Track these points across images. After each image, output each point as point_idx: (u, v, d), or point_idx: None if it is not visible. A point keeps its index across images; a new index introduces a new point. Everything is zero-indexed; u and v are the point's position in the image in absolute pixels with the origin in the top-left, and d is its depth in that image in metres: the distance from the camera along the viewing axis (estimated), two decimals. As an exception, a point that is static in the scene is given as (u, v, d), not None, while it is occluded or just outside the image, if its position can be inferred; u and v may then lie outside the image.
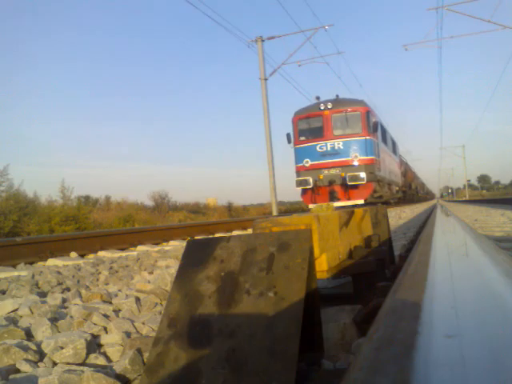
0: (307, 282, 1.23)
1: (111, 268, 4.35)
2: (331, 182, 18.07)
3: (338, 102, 19.05)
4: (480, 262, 1.36)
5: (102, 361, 1.59)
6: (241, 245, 1.35)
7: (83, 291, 2.90)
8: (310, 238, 1.32)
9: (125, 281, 3.35)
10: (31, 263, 5.66)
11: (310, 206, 18.09)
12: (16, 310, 2.40)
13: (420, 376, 0.53)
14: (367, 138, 18.53)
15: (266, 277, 1.25)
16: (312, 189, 18.47)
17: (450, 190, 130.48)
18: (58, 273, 4.18)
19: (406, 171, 40.35)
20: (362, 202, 17.66)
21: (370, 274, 2.04)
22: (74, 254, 6.25)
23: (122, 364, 1.46)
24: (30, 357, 1.57)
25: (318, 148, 18.66)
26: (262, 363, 1.09)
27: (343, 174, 17.82)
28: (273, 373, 1.07)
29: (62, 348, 1.63)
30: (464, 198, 77.06)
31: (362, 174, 17.33)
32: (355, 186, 17.82)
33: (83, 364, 1.56)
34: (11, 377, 1.42)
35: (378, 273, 2.14)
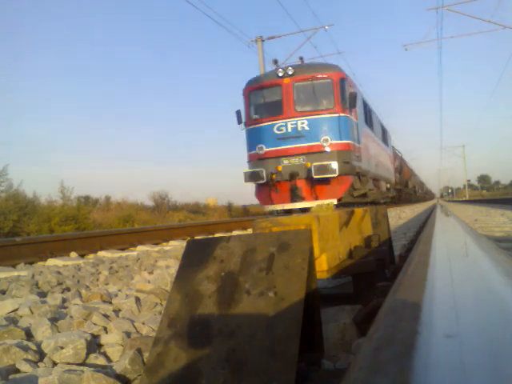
0: (307, 282, 1.23)
1: (111, 268, 4.35)
2: (293, 176, 13.45)
3: (302, 68, 14.28)
4: (480, 262, 1.36)
5: (102, 361, 1.59)
6: (241, 245, 1.35)
7: (83, 291, 2.90)
8: (309, 238, 1.32)
9: (125, 281, 3.35)
10: (31, 263, 5.66)
11: (267, 208, 14.00)
12: (16, 310, 2.40)
13: (420, 376, 0.53)
14: (341, 115, 13.80)
15: (265, 277, 1.25)
16: (268, 184, 13.80)
17: (449, 190, 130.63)
18: (58, 273, 4.18)
19: (402, 167, 35.46)
20: (334, 202, 13.34)
21: (370, 273, 2.04)
22: (74, 254, 6.25)
23: (122, 364, 1.46)
24: (30, 357, 1.57)
25: (275, 129, 13.86)
26: (262, 363, 1.09)
27: (309, 165, 13.16)
28: (273, 373, 1.07)
29: (61, 348, 1.63)
30: (464, 198, 77.10)
31: (334, 165, 12.75)
32: (325, 181, 13.28)
33: (83, 364, 1.56)
34: (11, 377, 1.41)
35: (378, 273, 2.14)
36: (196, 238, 5.37)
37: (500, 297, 0.87)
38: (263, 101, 14.56)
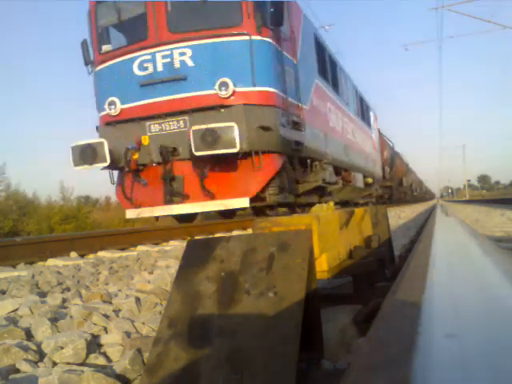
0: (307, 282, 1.23)
1: (111, 268, 4.35)
2: (166, 154, 7.46)
3: None
4: (480, 262, 1.36)
5: (102, 361, 1.59)
6: (241, 245, 1.35)
7: (83, 291, 2.90)
8: (310, 238, 1.32)
9: (125, 281, 3.35)
10: (31, 263, 5.66)
11: (129, 213, 8.19)
12: (16, 310, 2.40)
13: (420, 376, 0.53)
14: (256, 38, 7.34)
15: (265, 277, 1.25)
16: (127, 172, 7.97)
17: (449, 190, 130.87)
18: (58, 273, 4.18)
19: (394, 160, 28.23)
20: (245, 203, 7.50)
21: (370, 274, 2.04)
22: (74, 254, 6.24)
23: (122, 364, 1.46)
24: (30, 357, 1.57)
25: (136, 68, 7.64)
26: (262, 363, 1.09)
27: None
28: (273, 373, 1.07)
29: (62, 348, 1.63)
30: (464, 198, 77.16)
31: (233, 129, 6.74)
32: (227, 164, 7.47)
33: (83, 364, 1.56)
34: (11, 377, 1.42)
35: (378, 273, 2.14)
36: (196, 237, 5.38)
37: (500, 297, 0.87)
38: (117, 19, 8.09)
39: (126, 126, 7.80)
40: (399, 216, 13.70)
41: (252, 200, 7.70)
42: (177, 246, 6.95)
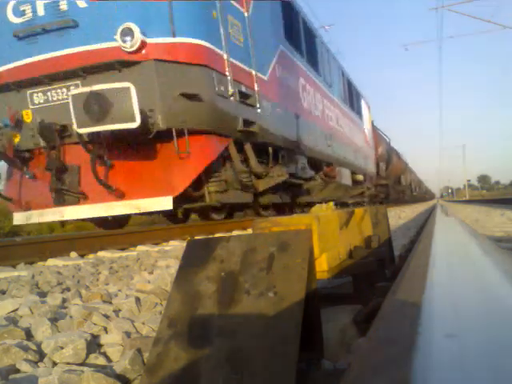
0: (307, 283, 1.23)
1: (111, 268, 4.35)
2: (51, 133, 5.15)
3: None
4: (480, 262, 1.36)
5: (102, 361, 1.59)
6: (241, 245, 1.35)
7: (83, 291, 2.90)
8: (310, 238, 1.32)
9: (125, 281, 3.35)
10: (31, 263, 5.66)
11: (16, 217, 6.17)
12: (16, 310, 2.40)
13: (420, 376, 0.53)
14: None
15: (265, 277, 1.25)
16: (9, 162, 5.87)
17: (450, 190, 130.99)
18: (58, 273, 4.18)
19: (390, 156, 25.84)
20: (167, 204, 5.83)
21: (370, 274, 2.04)
22: (74, 254, 6.24)
23: (122, 364, 1.46)
24: (30, 357, 1.57)
25: (10, 13, 5.25)
26: (262, 364, 1.09)
27: None
28: (273, 373, 1.07)
29: (62, 348, 1.63)
30: (464, 198, 77.16)
31: (130, 93, 4.47)
32: (135, 147, 5.37)
33: (83, 364, 1.56)
34: (11, 377, 1.42)
35: (378, 273, 2.14)
36: (196, 237, 5.39)
37: (500, 297, 0.87)
38: None
39: (1, 96, 5.59)
40: (399, 216, 13.69)
41: (180, 200, 5.75)
42: (177, 246, 6.95)
